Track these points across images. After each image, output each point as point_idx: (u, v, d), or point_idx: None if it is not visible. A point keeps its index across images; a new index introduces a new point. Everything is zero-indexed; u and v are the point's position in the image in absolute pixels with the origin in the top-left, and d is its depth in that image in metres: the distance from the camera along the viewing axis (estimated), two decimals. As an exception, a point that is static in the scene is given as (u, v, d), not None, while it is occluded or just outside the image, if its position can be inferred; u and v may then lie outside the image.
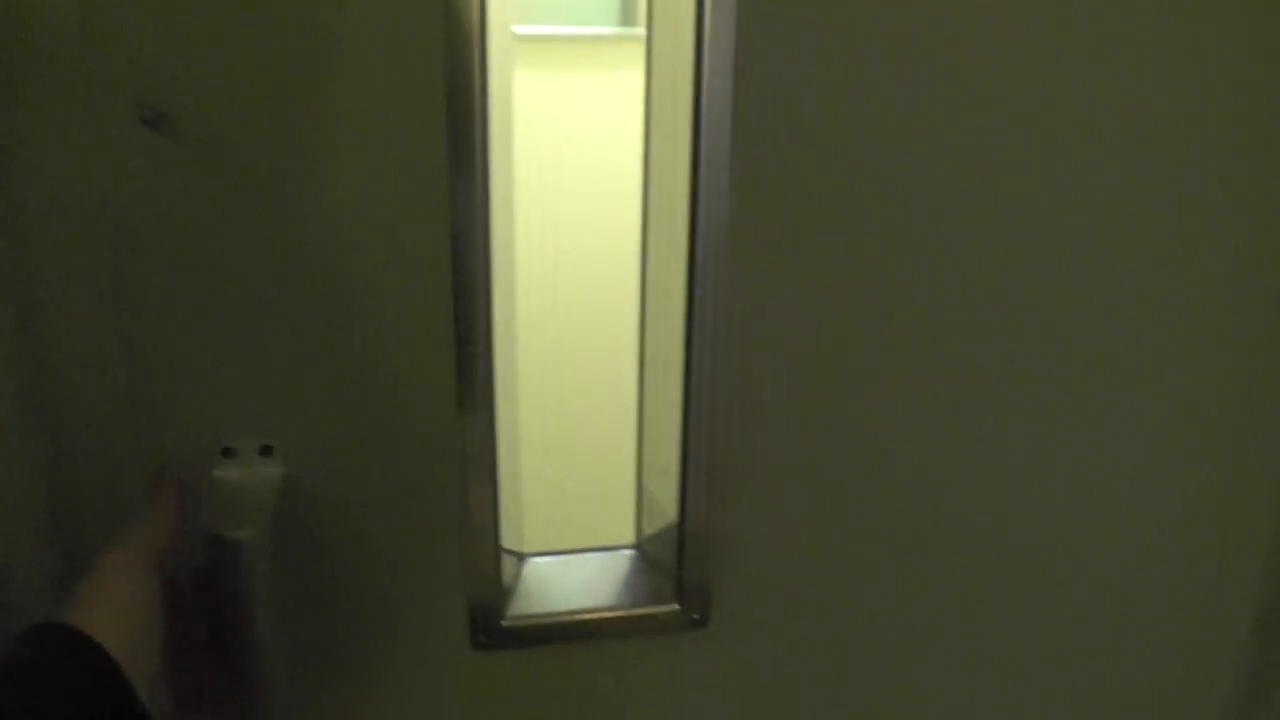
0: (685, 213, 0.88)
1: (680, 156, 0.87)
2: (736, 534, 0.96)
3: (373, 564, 0.89)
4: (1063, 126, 0.92)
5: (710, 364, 0.90)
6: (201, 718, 0.74)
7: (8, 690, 0.52)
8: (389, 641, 0.91)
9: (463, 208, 0.80)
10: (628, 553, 1.05)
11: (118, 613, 0.63)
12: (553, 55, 1.73)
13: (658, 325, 0.97)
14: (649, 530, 1.04)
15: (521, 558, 1.01)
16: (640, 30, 0.99)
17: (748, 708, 1.03)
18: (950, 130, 0.89)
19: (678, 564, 0.96)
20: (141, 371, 0.79)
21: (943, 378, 0.96)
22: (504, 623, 0.93)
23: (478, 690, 0.95)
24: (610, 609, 0.96)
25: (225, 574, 0.73)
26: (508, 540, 0.95)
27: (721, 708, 1.02)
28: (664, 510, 1.00)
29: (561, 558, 1.03)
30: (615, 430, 1.41)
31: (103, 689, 0.57)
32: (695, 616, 0.97)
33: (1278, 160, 0.98)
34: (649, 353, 1.01)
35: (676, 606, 0.97)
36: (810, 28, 0.84)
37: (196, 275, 0.78)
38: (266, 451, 0.82)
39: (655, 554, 1.03)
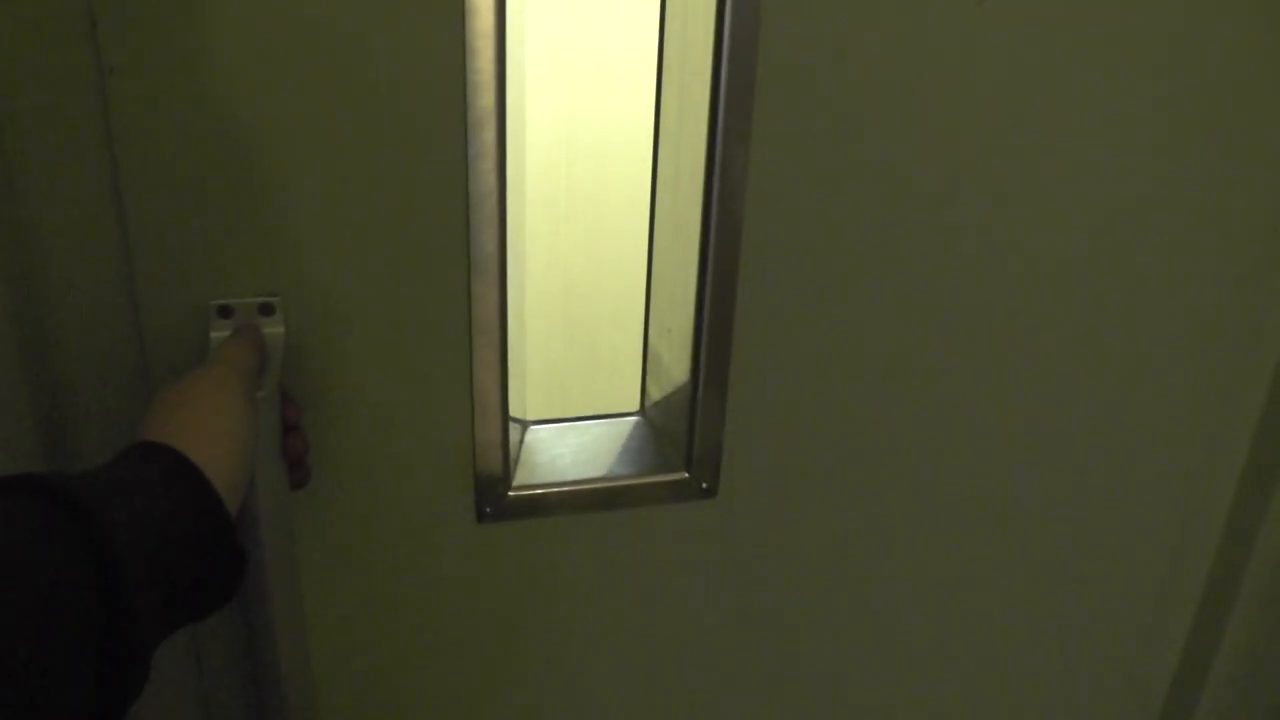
0: (707, 76, 0.81)
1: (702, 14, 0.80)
2: (745, 401, 0.93)
3: (377, 432, 0.84)
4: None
5: (727, 219, 0.85)
6: None
7: (116, 506, 0.49)
8: (393, 515, 0.88)
9: (476, 67, 0.73)
10: (631, 420, 1.02)
11: (218, 437, 0.59)
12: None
13: (672, 180, 0.91)
14: (655, 396, 1.01)
15: (525, 426, 0.98)
16: None
17: (754, 579, 1.02)
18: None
19: (689, 431, 0.93)
20: (134, 230, 0.72)
21: (951, 267, 0.93)
22: (510, 494, 0.90)
23: (484, 562, 0.92)
24: (618, 478, 0.94)
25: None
26: (511, 408, 0.91)
27: (728, 578, 1.01)
28: (670, 374, 0.96)
29: (565, 425, 0.99)
30: (621, 300, 1.36)
31: (202, 515, 0.55)
32: (704, 485, 0.95)
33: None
34: (661, 209, 0.95)
35: (686, 475, 0.95)
36: None
37: (191, 127, 0.71)
38: (267, 310, 0.76)
39: (661, 421, 1.00)
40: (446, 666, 0.96)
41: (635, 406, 1.03)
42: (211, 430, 0.59)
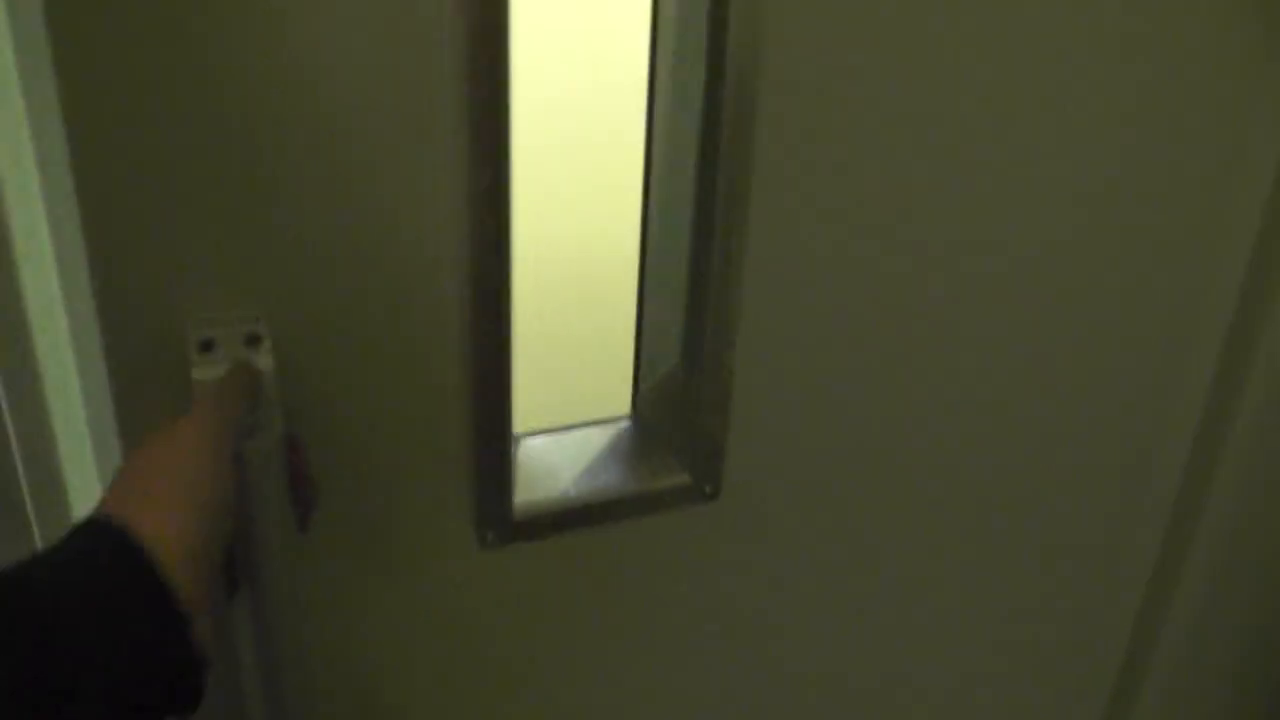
0: (702, 59, 0.76)
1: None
2: (748, 400, 0.89)
3: (369, 462, 0.78)
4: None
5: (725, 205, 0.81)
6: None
7: (59, 602, 0.46)
8: (392, 546, 0.82)
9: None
10: (624, 424, 0.97)
11: (183, 505, 0.55)
12: None
13: (666, 163, 0.87)
14: (650, 397, 0.96)
15: (516, 440, 0.92)
16: None
17: (762, 581, 0.99)
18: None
19: (688, 433, 0.89)
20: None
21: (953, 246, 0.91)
22: (511, 516, 0.84)
23: (487, 590, 0.86)
24: (620, 490, 0.89)
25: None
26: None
27: (737, 581, 0.98)
28: (666, 373, 0.92)
29: (556, 436, 0.94)
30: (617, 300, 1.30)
31: (152, 612, 0.50)
32: (707, 489, 0.91)
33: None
34: (656, 192, 0.90)
35: (688, 479, 0.90)
36: None
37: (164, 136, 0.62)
38: (253, 341, 0.68)
39: (656, 422, 0.95)
40: (453, 696, 0.91)
41: (627, 407, 0.98)
42: (177, 498, 0.55)
